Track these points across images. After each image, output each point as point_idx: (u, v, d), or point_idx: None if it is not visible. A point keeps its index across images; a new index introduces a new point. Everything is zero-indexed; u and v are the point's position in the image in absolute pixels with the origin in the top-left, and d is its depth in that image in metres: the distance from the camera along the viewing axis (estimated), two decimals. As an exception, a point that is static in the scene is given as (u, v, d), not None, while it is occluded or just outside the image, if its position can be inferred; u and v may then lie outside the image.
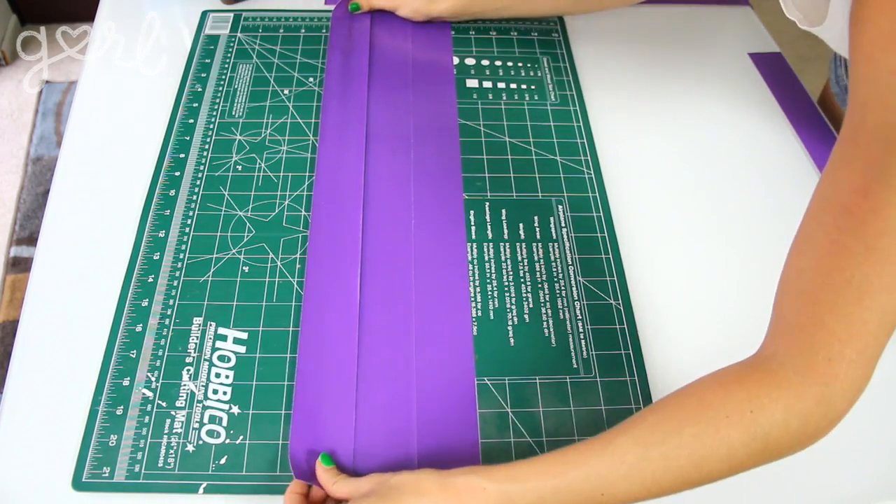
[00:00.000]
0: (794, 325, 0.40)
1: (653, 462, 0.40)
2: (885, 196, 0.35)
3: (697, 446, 0.40)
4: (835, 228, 0.37)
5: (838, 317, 0.38)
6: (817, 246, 0.38)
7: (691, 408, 0.41)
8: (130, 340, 0.52)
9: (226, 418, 0.49)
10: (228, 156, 0.64)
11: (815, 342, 0.39)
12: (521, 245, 0.59)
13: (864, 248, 0.36)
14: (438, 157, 0.65)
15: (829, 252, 0.37)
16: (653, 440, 0.40)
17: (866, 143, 0.35)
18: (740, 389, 0.40)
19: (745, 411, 0.39)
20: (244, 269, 0.57)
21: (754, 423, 0.39)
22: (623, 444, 0.41)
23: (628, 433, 0.41)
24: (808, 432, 0.40)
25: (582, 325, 0.55)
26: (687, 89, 0.73)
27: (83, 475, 0.46)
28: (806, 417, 0.39)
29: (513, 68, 0.73)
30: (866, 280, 0.36)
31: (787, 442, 0.40)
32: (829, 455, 0.50)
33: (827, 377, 0.39)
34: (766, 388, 0.40)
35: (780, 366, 0.40)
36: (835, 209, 0.37)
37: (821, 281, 0.38)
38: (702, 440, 0.40)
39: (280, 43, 0.74)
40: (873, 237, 0.36)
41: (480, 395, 0.51)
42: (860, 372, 0.39)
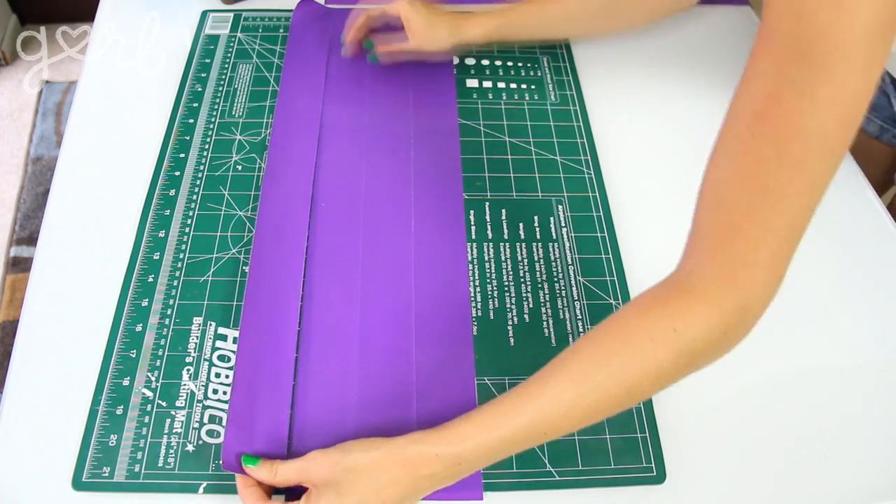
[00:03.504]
0: (712, 236, 0.41)
1: (588, 396, 0.42)
2: (797, 102, 0.35)
3: (628, 373, 0.42)
4: (749, 136, 0.38)
5: (754, 223, 0.39)
6: (732, 155, 0.39)
7: (617, 337, 0.43)
8: (130, 340, 0.52)
9: (226, 418, 0.49)
10: (228, 156, 0.64)
11: (732, 251, 0.40)
12: (521, 245, 0.59)
13: (777, 154, 0.37)
14: (438, 157, 0.65)
15: (744, 161, 0.38)
16: (586, 377, 0.42)
17: (779, 51, 0.36)
18: (662, 311, 0.42)
19: (669, 331, 0.41)
20: (244, 268, 0.57)
21: (679, 340, 0.41)
22: (559, 385, 0.42)
23: (562, 373, 0.43)
24: (729, 339, 0.42)
25: (582, 325, 0.55)
26: (687, 89, 0.73)
27: (83, 475, 0.46)
28: (726, 325, 0.41)
29: (513, 68, 0.73)
30: (779, 185, 0.37)
31: (711, 351, 0.42)
32: (829, 455, 0.50)
33: (745, 284, 0.40)
34: (687, 303, 0.41)
35: (699, 279, 0.41)
36: (748, 117, 0.38)
37: (737, 189, 0.39)
38: (631, 367, 0.41)
39: (280, 43, 0.74)
40: (785, 142, 0.36)
41: (480, 395, 0.51)
42: (774, 274, 0.40)
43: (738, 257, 0.40)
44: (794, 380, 0.54)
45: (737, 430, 0.51)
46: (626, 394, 0.42)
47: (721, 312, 0.41)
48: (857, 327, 0.57)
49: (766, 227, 0.39)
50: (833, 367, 0.55)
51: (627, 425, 0.50)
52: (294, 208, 0.60)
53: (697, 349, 0.41)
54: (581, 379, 0.42)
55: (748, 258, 0.40)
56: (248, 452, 0.47)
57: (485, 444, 0.42)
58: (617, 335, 0.43)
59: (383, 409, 0.50)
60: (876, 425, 0.52)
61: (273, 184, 0.62)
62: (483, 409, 0.44)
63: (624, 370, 0.42)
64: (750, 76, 0.38)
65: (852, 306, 0.58)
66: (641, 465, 0.49)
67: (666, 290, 0.43)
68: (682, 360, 0.41)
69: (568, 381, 0.42)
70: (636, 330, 0.42)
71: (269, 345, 0.52)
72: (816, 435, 0.51)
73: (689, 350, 0.41)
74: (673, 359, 0.41)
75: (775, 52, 0.36)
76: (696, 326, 0.41)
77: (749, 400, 0.53)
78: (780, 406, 0.52)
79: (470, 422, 0.43)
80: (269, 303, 0.54)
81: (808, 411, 0.52)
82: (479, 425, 0.43)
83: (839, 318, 0.58)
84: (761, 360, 0.55)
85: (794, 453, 0.50)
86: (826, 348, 0.56)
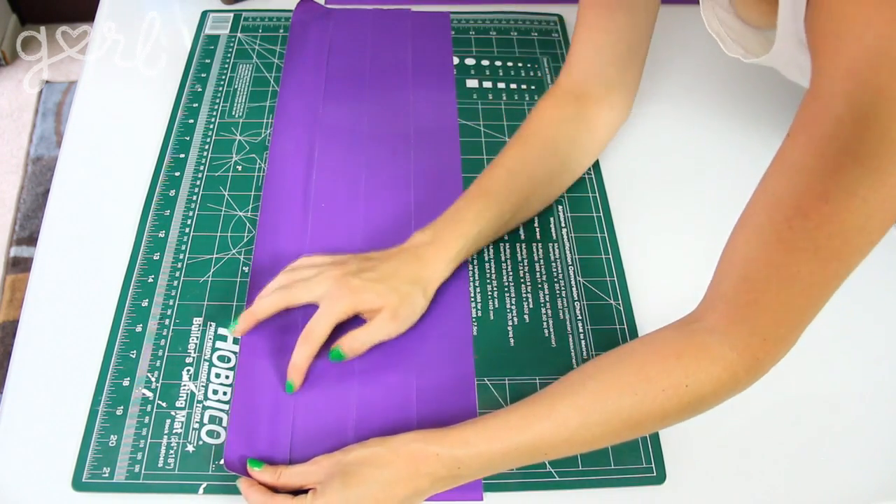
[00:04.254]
0: (737, 305, 0.42)
1: (592, 427, 0.43)
2: (845, 203, 0.35)
3: (634, 414, 0.43)
4: (787, 227, 0.38)
5: (780, 305, 0.40)
6: (766, 239, 0.39)
7: (631, 378, 0.43)
8: (130, 340, 0.52)
9: (226, 418, 0.49)
10: (228, 156, 0.64)
11: (755, 325, 0.41)
12: (521, 245, 0.59)
13: (815, 248, 0.37)
14: (438, 157, 0.65)
15: (777, 248, 0.39)
16: (593, 408, 0.43)
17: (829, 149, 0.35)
18: (678, 364, 0.43)
19: (682, 385, 0.42)
20: (244, 269, 0.57)
21: (689, 395, 0.42)
22: (565, 411, 0.43)
23: (570, 399, 0.44)
24: (736, 392, 0.44)
25: (582, 325, 0.55)
26: (686, 89, 0.73)
27: (83, 475, 0.46)
28: (736, 383, 0.43)
29: (513, 68, 0.73)
30: (811, 275, 0.38)
31: (717, 402, 0.44)
32: (829, 455, 0.50)
33: (760, 354, 0.42)
34: (703, 363, 0.42)
35: (718, 343, 0.42)
36: (789, 209, 0.37)
37: (767, 272, 0.39)
38: (639, 409, 0.43)
39: (280, 43, 0.74)
40: (826, 238, 0.36)
41: (480, 395, 0.51)
42: (788, 346, 0.42)
43: (759, 332, 0.41)
44: (795, 380, 0.54)
45: (737, 431, 0.51)
46: (628, 430, 0.44)
47: (735, 374, 0.42)
48: (857, 327, 0.57)
49: (790, 308, 0.40)
50: (833, 367, 0.55)
51: (627, 425, 0.50)
52: (294, 209, 0.60)
53: (705, 400, 0.43)
54: (588, 409, 0.43)
55: (769, 332, 0.41)
56: (251, 454, 0.47)
57: (485, 454, 0.43)
58: (630, 375, 0.44)
59: (383, 410, 0.50)
60: (876, 425, 0.52)
61: (274, 184, 0.62)
62: (487, 419, 0.44)
63: (631, 410, 0.43)
64: (791, 165, 0.37)
65: (853, 307, 0.58)
66: (641, 465, 0.49)
67: (684, 340, 0.44)
68: (689, 410, 0.43)
69: (575, 409, 0.43)
70: (649, 377, 0.43)
71: (271, 346, 0.52)
72: (816, 435, 0.51)
73: (696, 403, 0.43)
74: (680, 409, 0.43)
75: (824, 149, 0.35)
76: (709, 385, 0.42)
77: (749, 400, 0.53)
78: (781, 406, 0.52)
79: (473, 429, 0.44)
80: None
81: (809, 411, 0.52)
82: (482, 434, 0.44)
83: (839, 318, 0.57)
84: (761, 360, 0.55)
85: (794, 453, 0.50)
86: (826, 348, 0.56)
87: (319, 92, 0.68)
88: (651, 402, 0.42)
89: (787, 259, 0.38)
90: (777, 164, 0.39)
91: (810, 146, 0.36)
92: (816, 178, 0.36)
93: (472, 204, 0.55)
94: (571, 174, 0.62)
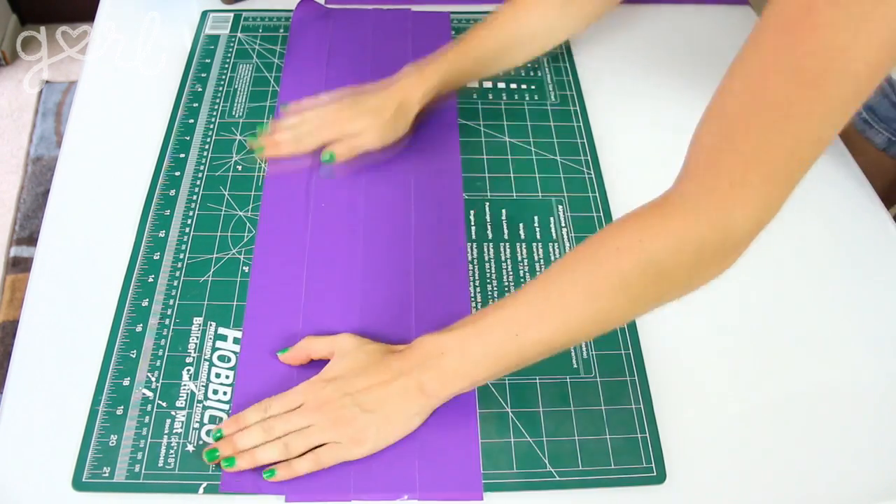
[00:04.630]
0: (704, 150, 0.39)
1: (552, 300, 0.43)
2: (829, 13, 0.32)
3: (590, 279, 0.42)
4: (770, 49, 0.35)
5: (749, 138, 0.36)
6: (749, 67, 0.37)
7: (588, 248, 0.43)
8: (130, 340, 0.52)
9: (226, 419, 0.49)
10: (228, 156, 0.64)
11: (720, 167, 0.38)
12: (521, 245, 0.59)
13: (794, 69, 0.34)
14: (438, 156, 0.65)
15: (758, 73, 0.36)
16: (551, 281, 0.43)
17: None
18: (634, 223, 0.41)
19: (635, 241, 0.40)
20: (244, 269, 0.57)
21: (644, 251, 0.40)
22: (530, 291, 0.44)
23: (537, 280, 0.45)
24: (706, 260, 0.40)
25: (582, 325, 0.55)
26: (686, 89, 0.72)
27: (83, 475, 0.46)
28: (700, 245, 0.39)
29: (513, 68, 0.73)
30: (788, 102, 0.35)
31: (684, 271, 0.41)
32: (829, 455, 0.50)
33: (726, 203, 0.38)
34: (659, 217, 0.40)
35: (679, 196, 0.40)
36: (773, 27, 0.35)
37: (742, 102, 0.37)
38: (594, 273, 0.41)
39: (280, 43, 0.74)
40: (805, 56, 0.34)
41: (480, 395, 0.51)
42: (763, 202, 0.38)
43: (725, 174, 0.37)
44: (795, 380, 0.54)
45: (737, 430, 0.51)
46: (589, 302, 0.42)
47: (696, 230, 0.39)
48: (857, 328, 0.57)
49: (763, 144, 0.36)
50: (833, 368, 0.55)
51: (627, 425, 0.50)
52: (294, 208, 0.60)
53: (666, 267, 0.40)
54: (547, 283, 0.43)
55: (735, 176, 0.37)
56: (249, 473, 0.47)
57: (461, 335, 0.46)
58: (588, 246, 0.43)
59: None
60: (876, 425, 0.52)
61: (274, 184, 0.62)
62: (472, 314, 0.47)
63: (586, 275, 0.42)
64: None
65: (854, 309, 0.58)
66: (641, 465, 0.49)
67: (648, 204, 0.42)
68: (649, 274, 0.40)
69: (537, 287, 0.44)
70: (604, 240, 0.42)
71: (272, 349, 0.52)
72: (817, 435, 0.51)
73: (655, 265, 0.40)
74: (638, 271, 0.40)
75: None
76: (664, 240, 0.40)
77: (749, 400, 0.53)
78: (781, 406, 0.52)
79: (459, 321, 0.47)
80: (272, 305, 0.54)
81: (809, 411, 0.52)
82: (464, 321, 0.47)
83: (840, 320, 0.58)
84: (762, 360, 0.55)
85: (794, 453, 0.50)
86: (826, 349, 0.56)
87: (320, 92, 0.68)
88: (606, 263, 0.40)
89: (766, 83, 0.35)
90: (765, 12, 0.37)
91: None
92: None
93: (453, 48, 0.63)
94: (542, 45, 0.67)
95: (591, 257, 0.42)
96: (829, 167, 0.68)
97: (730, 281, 0.59)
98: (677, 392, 0.52)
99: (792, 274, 0.60)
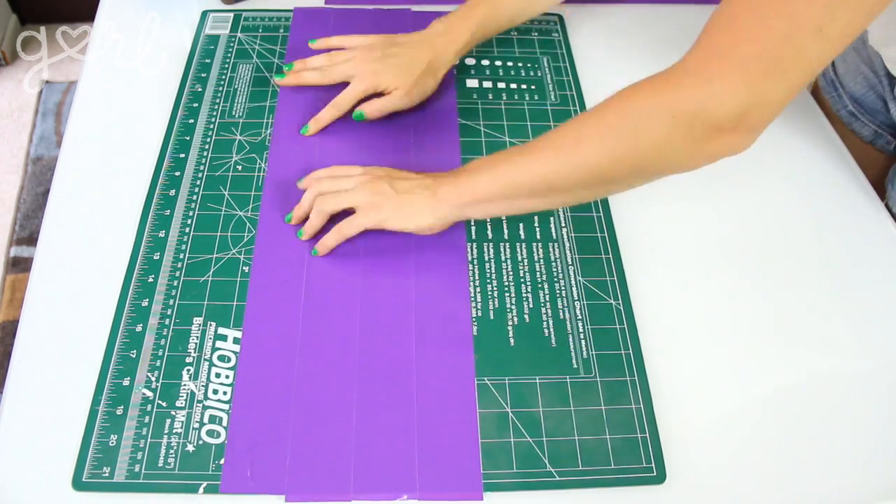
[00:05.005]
0: (706, 32, 0.40)
1: (542, 149, 0.48)
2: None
3: (576, 126, 0.46)
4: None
5: (747, 18, 0.37)
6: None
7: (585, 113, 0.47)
8: (130, 340, 0.52)
9: (226, 418, 0.49)
10: (228, 156, 0.64)
11: (714, 41, 0.39)
12: (521, 245, 0.59)
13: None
14: (439, 157, 0.65)
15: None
16: (545, 136, 0.49)
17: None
18: (627, 88, 0.44)
19: (623, 98, 0.44)
20: (244, 269, 0.57)
21: (628, 107, 0.43)
22: (524, 147, 0.50)
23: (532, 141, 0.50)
24: (695, 136, 0.41)
25: (582, 325, 0.55)
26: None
27: (83, 475, 0.46)
28: (681, 116, 0.40)
29: (513, 68, 0.73)
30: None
31: (667, 142, 0.42)
32: (829, 455, 0.50)
33: (710, 73, 0.38)
34: (649, 83, 0.42)
35: (673, 68, 0.42)
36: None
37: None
38: (582, 123, 0.46)
39: (280, 43, 0.74)
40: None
41: (480, 395, 0.51)
42: (747, 78, 0.38)
43: (715, 48, 0.38)
44: (795, 380, 0.54)
45: (737, 430, 0.51)
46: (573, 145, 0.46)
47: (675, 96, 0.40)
48: (858, 328, 0.57)
49: (757, 21, 0.36)
50: (834, 367, 0.55)
51: (627, 425, 0.50)
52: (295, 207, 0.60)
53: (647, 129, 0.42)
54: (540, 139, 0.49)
55: (723, 50, 0.38)
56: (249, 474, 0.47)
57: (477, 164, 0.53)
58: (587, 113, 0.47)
59: (384, 409, 0.50)
60: (876, 425, 0.52)
61: (275, 184, 0.62)
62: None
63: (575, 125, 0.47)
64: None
65: (853, 308, 0.58)
66: (641, 465, 0.49)
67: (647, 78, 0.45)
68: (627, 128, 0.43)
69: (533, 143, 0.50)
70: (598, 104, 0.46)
71: (272, 349, 0.52)
72: (816, 435, 0.51)
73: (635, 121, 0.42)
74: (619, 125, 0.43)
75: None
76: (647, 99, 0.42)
77: (749, 400, 0.53)
78: (781, 406, 0.52)
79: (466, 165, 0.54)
80: (272, 305, 0.55)
81: (809, 411, 0.52)
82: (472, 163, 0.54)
83: (840, 319, 0.58)
84: (761, 360, 0.55)
85: (795, 453, 0.50)
86: (827, 348, 0.56)
87: (319, 91, 0.68)
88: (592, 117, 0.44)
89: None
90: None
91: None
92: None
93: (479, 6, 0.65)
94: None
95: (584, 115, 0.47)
96: (822, 158, 0.68)
97: (729, 280, 0.59)
98: (677, 392, 0.52)
99: (790, 272, 0.60)
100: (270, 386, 0.50)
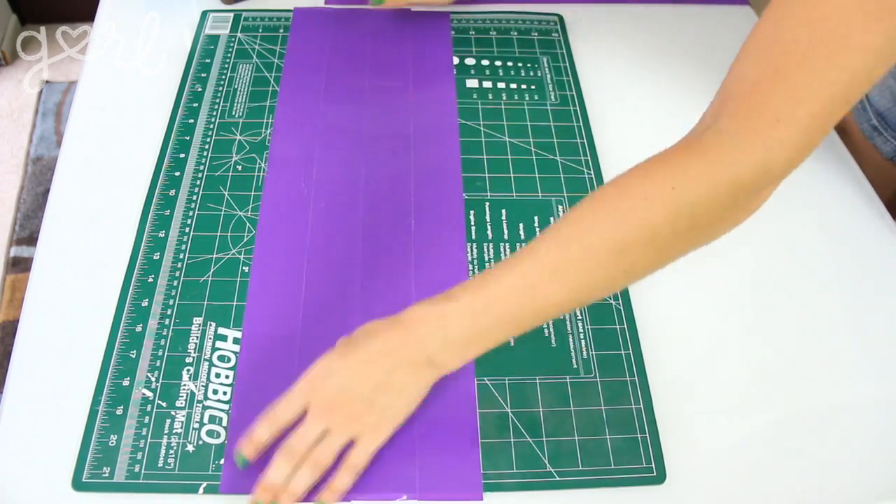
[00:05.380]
0: (748, 83, 0.35)
1: (574, 258, 0.37)
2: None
3: (617, 234, 0.37)
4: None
5: (804, 72, 0.32)
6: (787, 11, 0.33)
7: (611, 196, 0.38)
8: (130, 340, 0.52)
9: (226, 418, 0.49)
10: (228, 156, 0.64)
11: (766, 101, 0.34)
12: (520, 245, 0.59)
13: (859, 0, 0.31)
14: (438, 157, 0.65)
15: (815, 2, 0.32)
16: (572, 236, 0.38)
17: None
18: (662, 168, 0.36)
19: (667, 188, 0.35)
20: (244, 269, 0.57)
21: (676, 200, 0.35)
22: (544, 247, 0.39)
23: (549, 235, 0.39)
24: (739, 205, 0.37)
25: (582, 325, 0.55)
26: (687, 89, 0.73)
27: (83, 475, 0.46)
28: (738, 187, 0.35)
29: (513, 68, 0.73)
30: (849, 33, 0.31)
31: (716, 216, 0.37)
32: (829, 455, 0.50)
33: (770, 141, 0.34)
34: (693, 160, 0.36)
35: (714, 134, 0.35)
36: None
37: (797, 30, 0.32)
38: (621, 227, 0.36)
39: (280, 43, 0.74)
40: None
41: (480, 395, 0.51)
42: (807, 141, 0.34)
43: (772, 110, 0.33)
44: (795, 380, 0.54)
45: (737, 431, 0.51)
46: (616, 258, 0.37)
47: (734, 171, 0.34)
48: (859, 332, 0.57)
49: (818, 77, 0.32)
50: (833, 367, 0.55)
51: (627, 425, 0.50)
52: (294, 208, 0.60)
53: (699, 212, 0.36)
54: (567, 239, 0.38)
55: (783, 112, 0.33)
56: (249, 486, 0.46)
57: (469, 304, 0.40)
58: (611, 194, 0.38)
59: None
60: (876, 425, 0.52)
61: (274, 184, 0.62)
62: (473, 277, 0.43)
63: (613, 230, 0.37)
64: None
65: (856, 315, 0.58)
66: (641, 465, 0.49)
67: (674, 147, 0.38)
68: (681, 223, 0.36)
69: (553, 242, 0.39)
70: (631, 188, 0.37)
71: (272, 349, 0.52)
72: (816, 435, 0.51)
73: (688, 212, 0.35)
74: (669, 221, 0.36)
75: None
76: (699, 184, 0.35)
77: (749, 400, 0.53)
78: (781, 406, 0.52)
79: (459, 286, 0.42)
80: (272, 305, 0.54)
81: (808, 411, 0.52)
82: (467, 288, 0.41)
83: (841, 322, 0.58)
84: (762, 360, 0.55)
85: (795, 453, 0.50)
86: (827, 349, 0.56)
87: (319, 92, 0.68)
88: (633, 214, 0.36)
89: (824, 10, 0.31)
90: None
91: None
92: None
93: None
94: None
95: (615, 208, 0.37)
96: (831, 174, 0.67)
97: (731, 282, 0.59)
98: (677, 392, 0.52)
99: (792, 277, 0.60)
100: (270, 386, 0.50)
